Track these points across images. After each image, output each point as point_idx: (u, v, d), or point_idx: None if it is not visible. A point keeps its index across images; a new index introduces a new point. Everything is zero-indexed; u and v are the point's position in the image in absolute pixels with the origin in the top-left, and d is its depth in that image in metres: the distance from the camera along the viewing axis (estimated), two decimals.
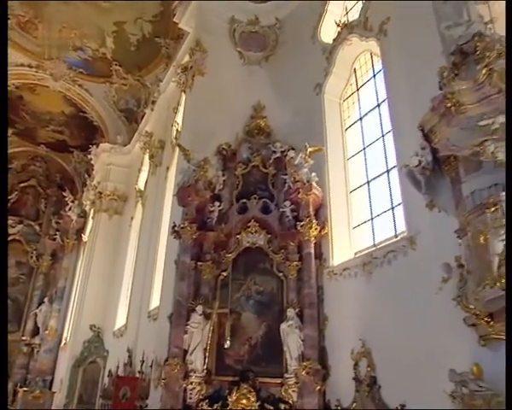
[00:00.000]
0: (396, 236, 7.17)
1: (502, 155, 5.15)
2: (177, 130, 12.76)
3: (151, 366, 9.76)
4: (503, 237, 4.18)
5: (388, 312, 6.57)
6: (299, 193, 8.24)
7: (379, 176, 8.00)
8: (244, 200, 9.31)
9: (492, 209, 4.41)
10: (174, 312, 8.22)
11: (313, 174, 8.30)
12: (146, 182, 15.99)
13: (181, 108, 12.90)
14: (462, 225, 5.01)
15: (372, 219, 7.96)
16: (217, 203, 9.04)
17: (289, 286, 8.27)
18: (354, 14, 9.87)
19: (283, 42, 11.90)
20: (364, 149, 8.61)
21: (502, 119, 4.95)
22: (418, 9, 7.20)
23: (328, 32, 10.25)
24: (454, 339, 5.33)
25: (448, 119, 5.02)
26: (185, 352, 7.90)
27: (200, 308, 8.09)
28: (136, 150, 18.10)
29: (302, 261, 8.15)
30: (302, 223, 8.10)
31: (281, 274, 8.55)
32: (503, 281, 4.07)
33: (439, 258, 5.59)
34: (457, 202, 5.47)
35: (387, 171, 7.76)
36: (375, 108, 8.56)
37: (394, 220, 7.32)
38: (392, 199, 7.47)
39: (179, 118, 12.80)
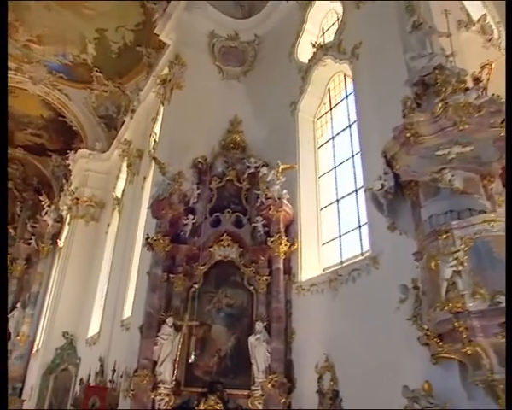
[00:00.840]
0: (362, 254, 7.42)
1: (458, 183, 5.47)
2: (154, 140, 12.88)
3: (122, 376, 9.81)
4: (452, 263, 4.45)
5: (351, 328, 6.80)
6: (270, 209, 8.46)
7: (348, 195, 8.26)
8: (218, 213, 9.49)
9: (444, 236, 4.68)
10: (144, 323, 8.31)
11: (284, 191, 8.52)
12: (123, 190, 16.02)
13: (159, 119, 13.02)
14: (419, 249, 5.28)
15: (340, 236, 8.20)
16: (190, 216, 9.18)
17: (259, 300, 8.46)
18: (330, 36, 10.19)
19: (262, 58, 12.16)
20: (335, 167, 8.89)
21: (457, 149, 5.26)
22: (388, 36, 7.54)
23: (304, 52, 10.52)
24: (409, 357, 5.58)
25: (408, 148, 5.29)
26: (155, 363, 8.00)
27: (170, 320, 8.20)
28: (114, 157, 18.13)
29: (272, 276, 8.36)
30: (272, 239, 8.32)
31: (251, 288, 8.74)
32: (451, 305, 4.33)
33: (398, 278, 5.87)
34: (417, 226, 5.76)
35: (356, 191, 8.03)
36: (346, 128, 8.84)
37: (361, 239, 7.57)
38: (359, 218, 7.73)
39: (157, 128, 12.92)
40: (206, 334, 8.65)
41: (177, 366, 8.01)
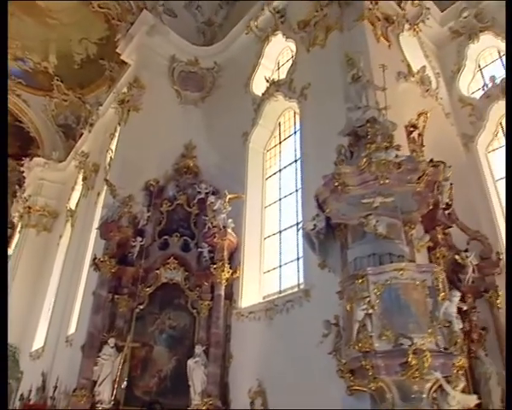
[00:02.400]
0: (299, 286, 7.87)
1: (381, 228, 5.99)
2: (110, 157, 13.01)
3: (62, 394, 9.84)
4: (364, 307, 4.93)
5: (283, 356, 7.20)
6: (215, 237, 8.82)
7: (289, 227, 8.72)
8: (166, 236, 9.76)
9: (360, 281, 5.16)
10: (86, 343, 8.44)
11: (230, 220, 8.90)
12: (77, 202, 15.99)
13: (116, 136, 13.18)
14: (342, 289, 5.75)
15: (280, 266, 8.64)
16: (139, 238, 9.40)
17: (200, 324, 8.76)
18: (284, 72, 10.71)
19: (219, 86, 12.58)
20: (280, 199, 9.34)
21: (380, 199, 5.79)
22: (333, 84, 8.07)
23: (259, 85, 11.01)
24: (331, 387, 6.01)
25: (336, 195, 5.79)
26: (94, 383, 8.13)
27: (112, 341, 8.37)
28: (71, 168, 18.07)
29: (214, 301, 8.67)
30: (215, 266, 8.66)
31: (194, 311, 9.03)
32: (360, 345, 4.81)
33: (326, 313, 6.30)
34: (343, 266, 6.24)
35: (297, 224, 8.50)
36: (292, 163, 9.33)
37: (298, 271, 8.02)
38: (298, 251, 8.19)
39: (114, 145, 13.07)
40: (148, 355, 8.87)
41: (116, 386, 8.16)
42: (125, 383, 7.83)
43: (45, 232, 17.85)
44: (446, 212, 7.43)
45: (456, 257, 8.25)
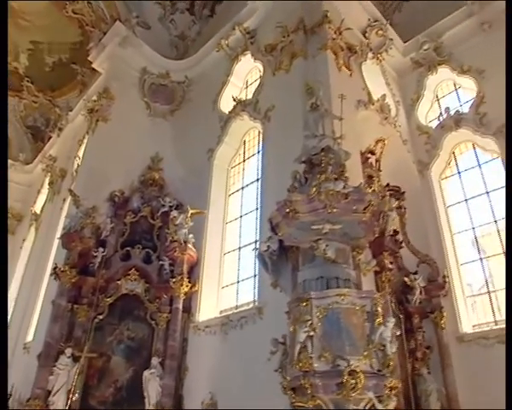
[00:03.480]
0: (254, 302, 8.15)
1: (330, 253, 6.33)
2: (78, 164, 13.05)
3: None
4: (306, 329, 5.25)
5: (235, 370, 7.47)
6: (175, 251, 9.03)
7: (249, 244, 9.01)
8: (128, 248, 9.90)
9: (304, 304, 5.48)
10: (43, 352, 8.49)
11: (191, 235, 9.13)
12: (43, 206, 15.90)
13: (85, 143, 13.22)
14: (289, 309, 6.05)
15: (238, 282, 8.92)
16: (101, 249, 9.51)
17: (158, 335, 8.93)
18: (252, 91, 11.03)
19: (189, 100, 12.83)
20: (241, 216, 9.64)
21: (328, 226, 6.13)
22: (294, 109, 8.41)
23: (226, 103, 11.31)
24: (277, 402, 6.27)
25: (287, 220, 6.10)
26: (49, 393, 8.19)
27: (69, 351, 8.43)
28: (37, 171, 17.94)
29: (172, 314, 8.87)
30: (174, 279, 8.87)
31: (153, 322, 9.19)
32: (301, 364, 5.12)
33: (276, 331, 6.58)
34: (293, 287, 6.54)
35: (255, 242, 8.79)
36: (254, 182, 9.65)
37: (254, 288, 8.31)
38: (255, 268, 8.48)
39: (82, 152, 13.10)
40: (105, 365, 8.96)
41: (71, 395, 8.23)
42: (76, 395, 7.91)
43: (9, 235, 17.60)
44: (394, 238, 7.82)
45: (406, 279, 8.74)
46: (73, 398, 7.88)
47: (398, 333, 5.48)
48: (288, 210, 5.95)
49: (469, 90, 11.05)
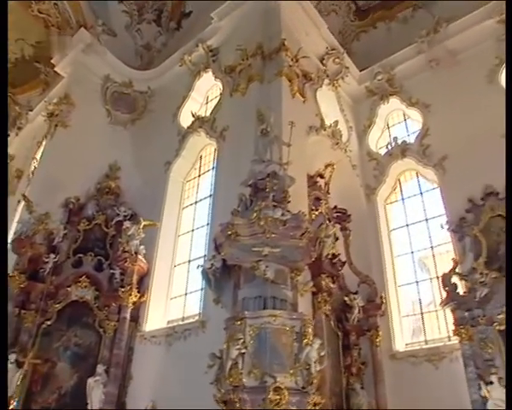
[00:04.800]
0: (200, 315, 8.47)
1: (269, 274, 6.74)
2: (34, 166, 13.02)
3: None
4: (238, 347, 5.62)
5: (176, 381, 7.75)
6: (126, 262, 9.24)
7: (198, 258, 9.33)
8: (81, 255, 10.02)
9: (239, 322, 5.86)
10: None
11: (142, 247, 9.37)
12: None
13: (43, 145, 13.19)
14: (226, 326, 6.41)
15: (186, 294, 9.22)
16: (52, 255, 9.59)
17: (105, 343, 9.10)
18: (212, 107, 11.37)
19: (150, 110, 13.03)
20: (193, 230, 9.95)
21: (268, 249, 6.54)
22: (247, 133, 8.77)
23: (186, 117, 11.60)
24: None
25: (230, 241, 6.49)
26: None
27: (12, 356, 8.45)
28: None
29: (119, 323, 9.06)
30: (123, 289, 9.08)
31: (101, 330, 9.33)
32: (231, 379, 5.49)
33: (216, 345, 6.90)
34: (234, 304, 6.92)
35: (204, 256, 9.10)
36: (207, 197, 9.98)
37: (200, 302, 8.63)
38: (202, 283, 8.77)
39: (39, 155, 13.08)
40: (50, 371, 9.04)
41: (13, 401, 8.29)
42: (14, 403, 7.98)
43: None
44: (333, 260, 8.32)
45: (345, 298, 9.27)
46: (11, 406, 7.93)
47: (323, 353, 5.87)
48: (230, 232, 6.32)
49: (416, 122, 11.78)
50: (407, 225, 10.95)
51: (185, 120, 11.54)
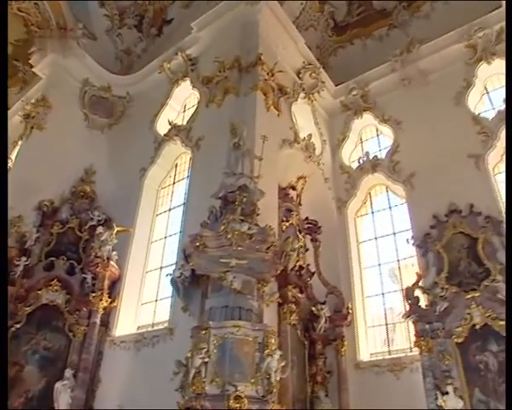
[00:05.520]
0: (170, 322, 8.60)
1: (236, 284, 6.96)
2: (9, 167, 12.94)
3: None
4: (201, 356, 5.81)
5: (143, 386, 7.86)
6: (97, 267, 9.32)
7: (170, 265, 9.47)
8: (53, 258, 10.04)
9: (204, 332, 6.06)
10: None
11: (114, 252, 9.47)
12: None
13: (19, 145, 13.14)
14: (192, 335, 6.58)
15: (156, 301, 9.35)
16: (23, 258, 9.61)
17: (75, 348, 9.14)
18: (189, 115, 11.51)
19: (128, 116, 13.10)
20: (166, 237, 10.09)
21: (235, 261, 6.75)
22: (221, 145, 8.95)
23: (163, 124, 11.74)
24: None
25: (198, 252, 6.68)
26: None
27: None
28: None
29: (89, 327, 9.13)
30: (94, 294, 9.16)
31: (71, 334, 9.36)
32: (194, 387, 5.68)
33: (183, 353, 7.07)
34: (201, 313, 7.10)
35: (176, 263, 9.22)
36: (180, 205, 10.14)
37: (170, 308, 8.76)
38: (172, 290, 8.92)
39: (14, 156, 13.01)
40: (18, 374, 9.03)
41: None
42: None
43: None
44: (300, 272, 8.58)
45: (313, 308, 9.53)
46: None
47: (283, 364, 6.10)
48: (198, 244, 6.51)
49: (388, 138, 12.15)
50: (376, 238, 11.29)
51: (162, 127, 11.67)
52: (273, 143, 9.49)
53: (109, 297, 9.36)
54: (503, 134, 10.04)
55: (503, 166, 10.21)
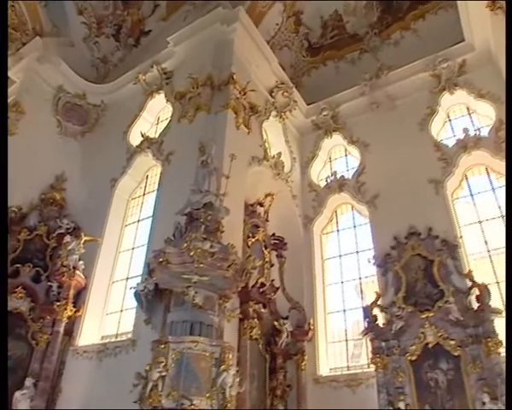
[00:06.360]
0: (134, 333, 8.71)
1: (198, 299, 7.15)
2: None
3: None
4: (159, 369, 5.99)
5: (103, 397, 7.93)
6: (63, 276, 9.37)
7: (136, 277, 9.59)
8: (18, 265, 10.04)
9: (162, 346, 6.23)
10: None
11: (81, 262, 9.54)
12: None
13: None
14: (152, 348, 6.74)
15: (121, 311, 9.45)
16: None
17: (37, 356, 9.15)
18: (162, 128, 11.67)
19: (102, 124, 13.17)
20: (133, 248, 10.21)
21: (197, 277, 6.95)
22: (191, 160, 9.10)
23: (135, 136, 11.86)
24: None
25: (161, 267, 6.86)
26: None
27: None
28: None
29: (52, 336, 9.16)
30: (59, 303, 9.21)
31: (33, 342, 9.36)
32: (151, 400, 5.85)
33: (144, 365, 7.20)
34: (163, 326, 7.27)
35: (141, 275, 9.36)
36: (149, 217, 10.26)
37: (135, 319, 8.86)
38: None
39: None
40: None
41: None
42: None
43: None
44: (262, 288, 8.84)
45: (275, 323, 9.77)
46: None
47: (238, 379, 6.31)
48: (161, 260, 6.70)
49: (356, 159, 12.55)
50: (340, 256, 11.63)
51: (135, 138, 11.79)
52: (242, 160, 9.74)
53: (74, 306, 9.40)
54: (461, 161, 10.58)
55: (461, 192, 10.75)
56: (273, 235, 10.97)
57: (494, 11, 8.51)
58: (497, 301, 8.78)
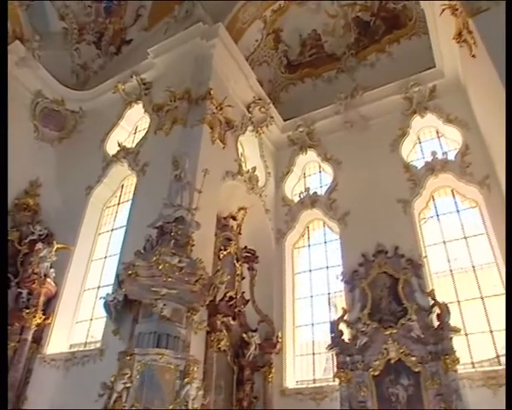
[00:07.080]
0: (100, 342, 8.78)
1: (166, 312, 7.28)
2: None
3: None
4: (124, 381, 6.11)
5: (71, 406, 7.95)
6: (34, 283, 9.39)
7: (108, 285, 9.66)
8: None
9: (128, 358, 6.35)
10: None
11: (52, 270, 9.57)
12: None
13: None
14: (119, 358, 6.84)
15: (91, 320, 9.50)
16: None
17: None
18: (140, 137, 11.79)
19: (80, 131, 13.19)
20: (106, 257, 10.28)
21: (165, 290, 7.10)
22: (165, 173, 9.22)
23: (112, 145, 11.93)
24: None
25: (131, 280, 6.98)
26: None
27: None
28: None
29: (20, 344, 9.15)
30: (28, 310, 9.21)
31: None
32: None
33: (110, 375, 7.29)
34: (130, 337, 7.37)
35: (113, 284, 9.44)
36: (123, 226, 10.35)
37: (104, 329, 8.93)
38: None
39: None
40: None
41: None
42: None
43: None
44: (230, 302, 9.02)
45: (244, 335, 9.94)
46: None
47: (201, 392, 6.47)
48: (130, 272, 6.83)
49: (329, 176, 12.87)
50: (310, 271, 11.90)
51: (111, 147, 11.87)
52: (215, 175, 9.94)
53: (44, 314, 9.41)
54: (428, 183, 10.97)
55: (428, 213, 11.13)
56: (245, 248, 11.16)
57: (460, 44, 8.92)
58: (457, 319, 9.14)
